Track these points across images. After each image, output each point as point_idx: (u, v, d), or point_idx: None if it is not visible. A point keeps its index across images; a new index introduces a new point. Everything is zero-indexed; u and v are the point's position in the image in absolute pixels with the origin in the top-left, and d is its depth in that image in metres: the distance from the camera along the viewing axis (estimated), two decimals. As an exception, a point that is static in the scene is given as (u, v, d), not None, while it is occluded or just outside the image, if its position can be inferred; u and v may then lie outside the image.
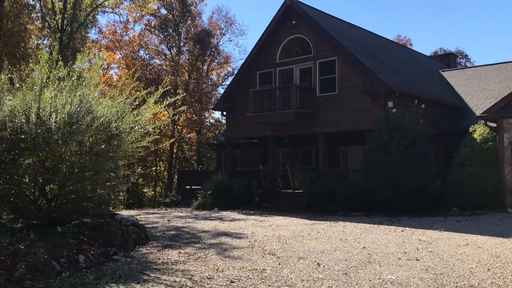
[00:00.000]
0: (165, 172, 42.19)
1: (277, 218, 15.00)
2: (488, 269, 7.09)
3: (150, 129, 9.95)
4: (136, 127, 9.38)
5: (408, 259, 7.82)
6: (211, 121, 48.17)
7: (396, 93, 17.18)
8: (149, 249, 8.60)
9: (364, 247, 9.00)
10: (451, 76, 25.52)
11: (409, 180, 14.98)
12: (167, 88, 9.90)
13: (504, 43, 76.50)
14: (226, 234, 10.97)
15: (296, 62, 20.07)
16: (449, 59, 30.90)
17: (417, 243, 9.40)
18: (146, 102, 9.30)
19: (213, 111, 43.20)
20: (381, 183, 15.33)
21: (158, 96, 9.59)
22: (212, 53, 39.16)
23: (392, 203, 15.47)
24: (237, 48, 78.21)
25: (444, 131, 20.21)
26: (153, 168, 40.98)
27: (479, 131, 16.49)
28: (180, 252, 8.35)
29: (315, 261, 7.71)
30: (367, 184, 16.21)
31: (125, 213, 15.15)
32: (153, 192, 41.87)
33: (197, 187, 24.78)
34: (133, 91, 10.29)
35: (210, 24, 41.75)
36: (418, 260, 7.76)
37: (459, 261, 7.67)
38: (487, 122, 16.55)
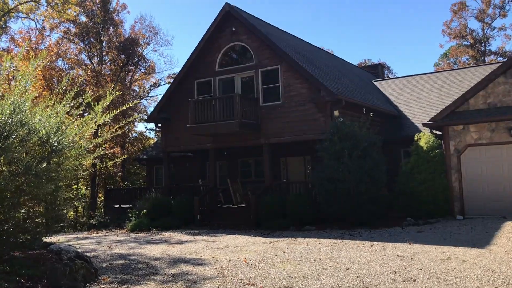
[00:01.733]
0: (87, 191, 39.24)
1: (229, 237, 13.86)
2: None
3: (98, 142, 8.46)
4: (81, 140, 7.89)
5: (404, 281, 7.08)
6: (134, 135, 45.88)
7: (342, 102, 16.77)
8: (103, 288, 7.14)
9: (347, 268, 8.16)
10: (384, 86, 25.93)
11: (363, 190, 14.54)
12: (114, 94, 8.48)
13: (419, 55, 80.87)
14: (184, 261, 9.67)
15: (237, 70, 19.15)
16: (378, 70, 31.61)
17: (399, 260, 8.73)
18: (94, 108, 7.84)
19: (144, 123, 41.06)
20: (335, 194, 14.74)
21: (105, 104, 8.18)
22: (138, 63, 37.16)
23: (346, 215, 14.93)
24: (162, 58, 75.34)
25: (384, 140, 20.20)
26: (74, 186, 37.92)
27: (424, 139, 16.51)
28: (143, 289, 6.99)
29: (306, 290, 6.73)
30: (319, 196, 15.56)
31: (53, 239, 13.26)
32: (74, 213, 38.69)
33: (128, 206, 22.92)
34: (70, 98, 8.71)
35: (133, 33, 39.75)
36: (416, 281, 7.05)
37: (459, 279, 7.06)
38: (432, 130, 16.62)
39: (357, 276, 7.50)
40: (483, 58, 42.80)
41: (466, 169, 15.70)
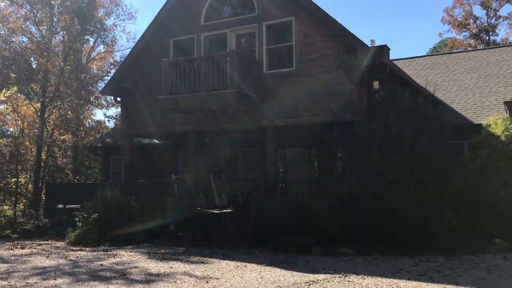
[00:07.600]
0: (30, 185, 32.65)
1: (226, 267, 8.56)
2: None
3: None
4: None
5: None
6: (91, 124, 39.52)
7: (387, 67, 11.82)
8: None
9: None
10: (402, 66, 21.03)
11: (432, 194, 9.50)
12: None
13: (413, 44, 75.18)
14: None
15: (232, 24, 13.74)
16: (383, 51, 26.79)
17: None
18: None
19: (103, 110, 34.98)
20: (389, 200, 9.61)
21: None
22: (97, 32, 30.91)
23: (399, 231, 9.80)
24: (125, 35, 67.38)
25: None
26: (12, 179, 31.34)
27: (501, 125, 11.67)
28: None
29: None
30: (359, 203, 10.37)
31: None
32: (12, 211, 31.99)
33: (75, 206, 17.13)
34: None
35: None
36: None
37: None
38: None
39: None
40: (484, 50, 38.81)
41: None
